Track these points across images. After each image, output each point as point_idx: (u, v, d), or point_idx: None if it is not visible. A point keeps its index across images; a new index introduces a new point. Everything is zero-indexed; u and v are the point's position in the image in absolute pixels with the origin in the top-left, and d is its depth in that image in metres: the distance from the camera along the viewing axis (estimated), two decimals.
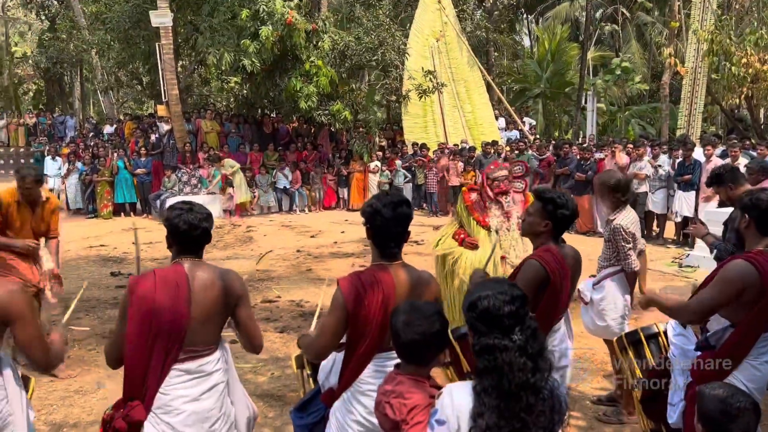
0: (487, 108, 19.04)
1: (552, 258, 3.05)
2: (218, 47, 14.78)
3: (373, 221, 2.56)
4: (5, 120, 25.97)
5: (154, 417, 2.52)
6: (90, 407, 4.68)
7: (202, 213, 2.67)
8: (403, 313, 2.20)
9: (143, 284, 2.56)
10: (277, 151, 16.87)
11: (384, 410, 2.13)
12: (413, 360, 2.21)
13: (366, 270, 2.60)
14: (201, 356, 2.61)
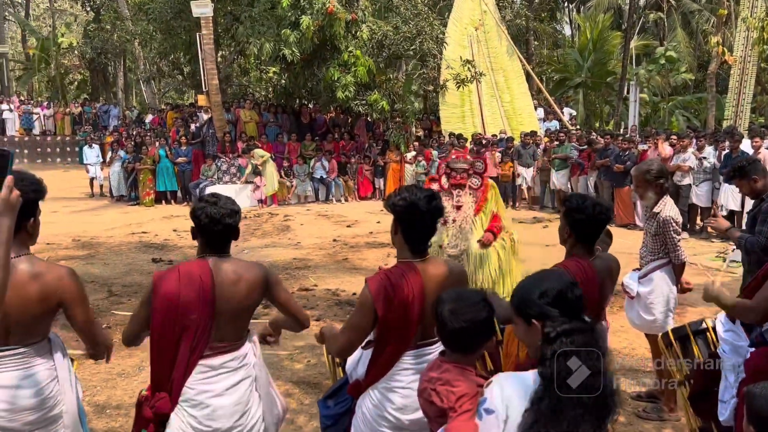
0: (526, 98, 18.78)
1: (577, 268, 2.90)
2: (258, 37, 14.90)
3: (407, 215, 2.48)
4: (52, 109, 26.74)
5: (180, 409, 2.55)
6: (132, 390, 4.80)
7: (226, 208, 2.59)
8: (448, 301, 2.18)
9: (167, 280, 2.55)
10: (314, 141, 16.96)
11: (430, 397, 2.12)
12: (459, 348, 2.18)
13: (394, 268, 2.53)
14: (227, 352, 2.61)
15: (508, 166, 14.83)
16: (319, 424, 2.83)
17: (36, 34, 34.18)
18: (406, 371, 2.51)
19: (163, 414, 2.54)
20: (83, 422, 2.64)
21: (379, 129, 17.96)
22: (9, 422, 2.33)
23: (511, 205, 14.96)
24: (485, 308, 2.15)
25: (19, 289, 2.31)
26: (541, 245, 10.29)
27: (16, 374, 2.37)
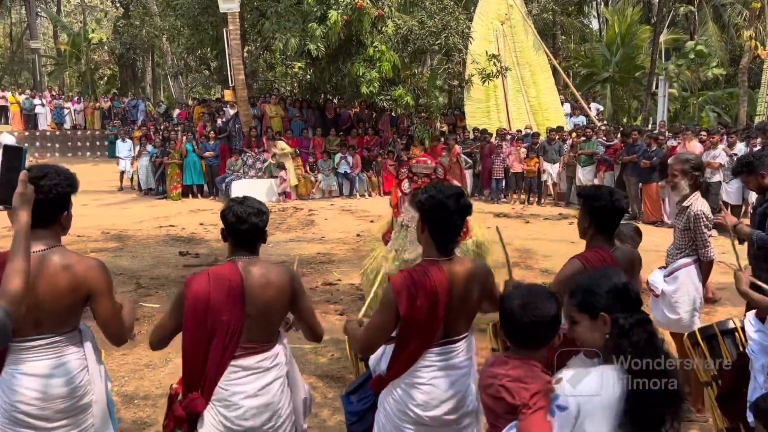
0: (553, 93, 18.61)
1: (597, 259, 2.88)
2: (284, 32, 14.96)
3: (435, 214, 2.47)
4: (83, 104, 27.23)
5: (212, 408, 2.58)
6: (159, 381, 4.89)
7: (252, 207, 2.62)
8: (518, 296, 2.15)
9: (197, 284, 2.58)
10: (339, 136, 17.01)
11: (498, 393, 2.09)
12: (529, 344, 2.15)
13: (418, 267, 2.52)
14: (259, 352, 2.63)
15: (534, 161, 14.72)
16: (344, 419, 2.84)
17: (67, 30, 34.80)
18: (428, 368, 2.51)
19: (196, 414, 2.57)
20: (111, 412, 2.70)
21: (404, 124, 17.94)
22: (41, 410, 2.39)
23: (536, 201, 14.86)
24: (554, 303, 2.13)
25: (50, 279, 2.37)
26: (567, 242, 10.20)
27: (48, 363, 2.42)
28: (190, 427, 2.60)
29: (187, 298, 2.57)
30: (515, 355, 2.17)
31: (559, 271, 2.97)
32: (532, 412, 1.96)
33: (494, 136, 15.93)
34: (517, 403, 2.01)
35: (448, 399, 2.52)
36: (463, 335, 2.61)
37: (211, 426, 2.57)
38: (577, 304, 2.03)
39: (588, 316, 1.99)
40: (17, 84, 36.65)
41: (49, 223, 2.44)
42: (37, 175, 2.35)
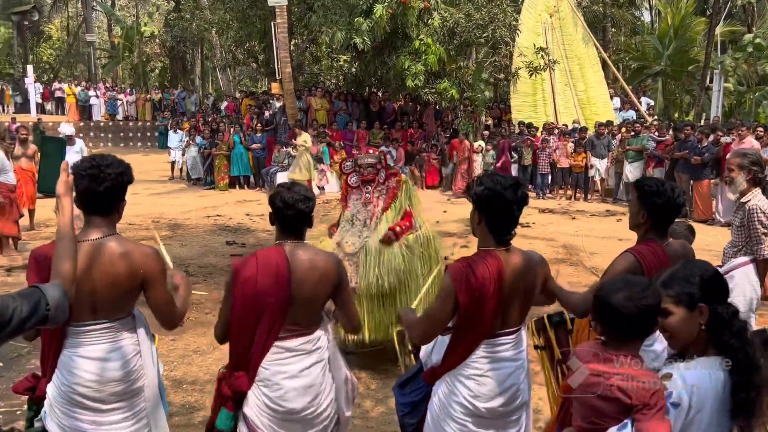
0: (602, 86, 18.21)
1: (650, 253, 2.80)
2: (330, 26, 15.05)
3: (492, 205, 2.47)
4: (135, 95, 27.98)
5: (256, 388, 2.65)
6: (207, 366, 5.03)
7: (299, 194, 2.66)
8: (620, 288, 2.07)
9: (246, 267, 2.64)
10: (383, 130, 17.04)
11: (611, 394, 1.98)
12: (634, 335, 2.08)
13: (475, 256, 2.53)
14: (302, 335, 2.68)
15: (581, 156, 14.46)
16: (387, 411, 2.87)
17: (121, 24, 35.76)
18: (484, 359, 2.51)
19: (241, 392, 2.65)
20: (163, 396, 2.78)
21: (448, 117, 17.84)
22: (96, 392, 2.49)
23: (583, 197, 14.61)
24: (657, 293, 2.06)
25: (107, 266, 2.46)
26: (614, 239, 10.02)
27: (104, 347, 2.52)
28: (235, 407, 2.67)
29: (236, 280, 2.64)
30: (616, 351, 2.07)
31: (611, 265, 2.90)
32: (654, 412, 1.89)
33: (540, 130, 15.71)
34: (636, 403, 1.92)
35: (504, 391, 2.53)
36: (519, 327, 2.62)
37: (255, 406, 2.64)
38: (673, 296, 2.00)
39: (685, 307, 1.97)
40: (73, 76, 37.86)
41: (108, 212, 2.53)
42: (99, 164, 2.45)
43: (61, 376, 2.50)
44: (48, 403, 2.53)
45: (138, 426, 2.58)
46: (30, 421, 2.64)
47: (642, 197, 2.89)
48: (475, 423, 2.53)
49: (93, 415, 2.50)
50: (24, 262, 8.26)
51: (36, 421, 2.59)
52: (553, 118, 16.95)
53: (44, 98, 28.60)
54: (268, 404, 2.63)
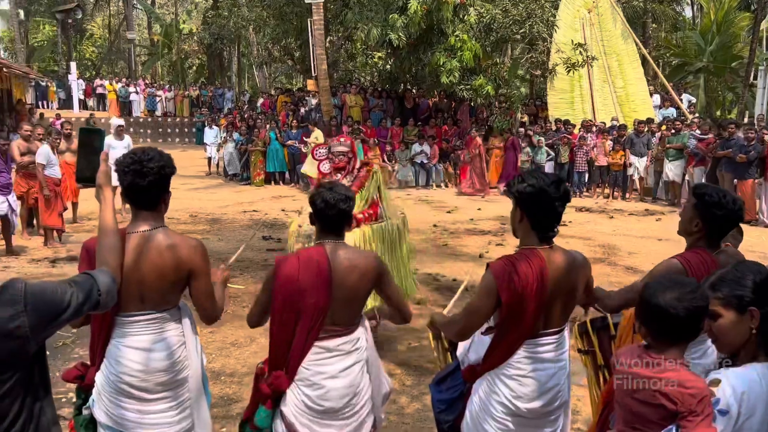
0: (641, 83, 17.86)
1: (699, 261, 2.69)
2: (366, 22, 15.09)
3: (536, 202, 2.44)
4: (173, 92, 28.49)
5: (295, 387, 2.67)
6: (244, 359, 5.10)
7: (340, 194, 2.69)
8: (668, 288, 2.00)
9: (288, 265, 2.66)
10: (417, 126, 17.02)
11: (656, 400, 1.92)
12: (681, 338, 2.01)
13: (518, 254, 2.50)
14: (341, 335, 2.69)
15: (620, 154, 14.22)
16: (432, 408, 2.87)
17: (160, 21, 36.45)
18: (526, 359, 2.50)
19: (281, 391, 2.68)
20: (206, 387, 2.84)
21: (483, 114, 17.73)
22: (142, 382, 2.55)
23: (621, 196, 14.37)
24: (705, 294, 1.99)
25: (155, 258, 2.51)
26: (653, 239, 9.86)
27: (150, 337, 2.57)
28: (273, 404, 2.70)
29: (278, 278, 2.66)
30: (660, 354, 2.01)
31: (653, 270, 2.80)
32: (701, 419, 1.83)
33: (578, 127, 15.50)
34: (682, 410, 1.86)
35: (546, 392, 2.51)
36: (562, 327, 2.59)
37: (293, 405, 2.66)
38: (722, 299, 1.92)
39: (735, 310, 1.90)
40: (114, 73, 38.74)
41: (154, 204, 2.58)
42: (141, 159, 2.49)
43: (108, 366, 2.56)
44: (96, 391, 2.60)
45: (182, 416, 2.64)
46: (78, 409, 2.71)
47: (701, 207, 2.75)
48: (515, 422, 2.52)
49: (138, 404, 2.56)
50: (68, 253, 8.50)
51: (84, 408, 2.67)
52: (591, 115, 16.69)
53: (86, 95, 29.34)
54: (308, 403, 2.65)
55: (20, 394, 1.68)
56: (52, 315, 1.72)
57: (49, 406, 1.79)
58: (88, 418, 2.64)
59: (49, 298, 1.73)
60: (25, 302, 1.66)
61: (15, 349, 1.65)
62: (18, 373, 1.67)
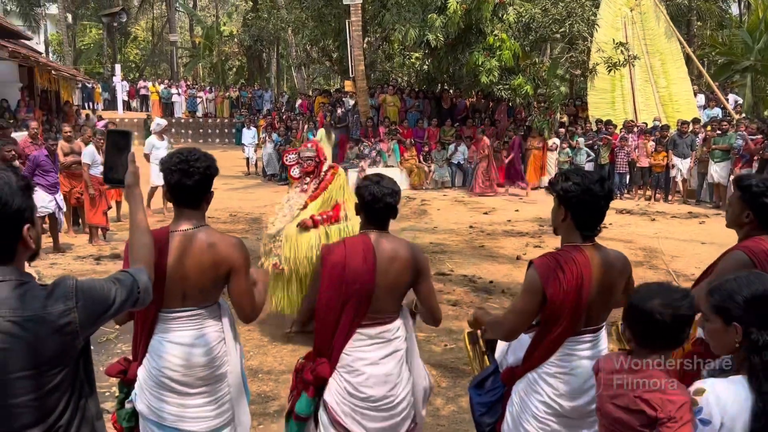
0: (685, 83, 17.43)
1: (761, 249, 2.68)
2: (403, 23, 15.09)
3: (581, 201, 2.44)
4: (213, 93, 28.96)
5: (337, 375, 2.73)
6: (281, 357, 5.16)
7: (387, 188, 2.76)
8: (654, 295, 2.01)
9: (335, 252, 2.75)
10: (454, 127, 16.94)
11: (636, 406, 1.95)
12: (665, 344, 2.03)
13: (562, 251, 2.51)
14: (383, 323, 2.76)
15: (662, 155, 13.90)
16: (472, 411, 2.85)
17: (202, 24, 37.13)
18: (569, 357, 2.49)
19: (322, 378, 2.74)
20: (245, 384, 2.88)
21: (521, 114, 17.55)
22: (184, 377, 2.60)
23: (663, 198, 14.05)
24: (692, 304, 2.00)
25: (197, 256, 2.56)
26: (697, 242, 9.62)
27: (191, 333, 2.63)
28: (315, 392, 2.76)
29: (325, 264, 2.74)
30: (644, 359, 2.02)
31: (719, 266, 2.79)
32: (679, 426, 1.84)
33: (619, 128, 15.22)
34: (661, 416, 1.87)
35: (590, 389, 2.49)
36: (602, 325, 2.59)
37: (336, 393, 2.72)
38: (713, 305, 1.91)
39: (721, 319, 1.87)
40: (157, 75, 39.61)
41: (198, 203, 2.63)
42: (188, 159, 2.55)
43: (151, 360, 2.62)
44: (138, 385, 2.66)
45: (220, 410, 2.68)
46: (121, 403, 2.78)
47: (748, 197, 2.76)
48: (558, 423, 2.50)
49: (180, 398, 2.61)
50: (112, 251, 8.73)
51: (126, 402, 2.74)
52: (632, 115, 16.37)
53: (130, 96, 30.06)
54: (350, 390, 2.70)
55: (68, 389, 1.72)
56: (100, 311, 1.78)
57: (93, 401, 1.84)
58: (130, 411, 2.71)
59: (98, 294, 1.78)
60: (76, 299, 1.71)
61: (65, 345, 1.69)
62: (66, 369, 1.71)
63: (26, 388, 1.62)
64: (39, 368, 1.64)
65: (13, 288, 1.64)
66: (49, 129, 14.87)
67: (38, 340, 1.63)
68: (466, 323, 5.57)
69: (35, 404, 1.64)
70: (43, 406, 1.66)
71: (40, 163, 8.31)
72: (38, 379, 1.64)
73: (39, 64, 19.20)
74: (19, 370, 1.61)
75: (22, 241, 1.71)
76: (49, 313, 1.65)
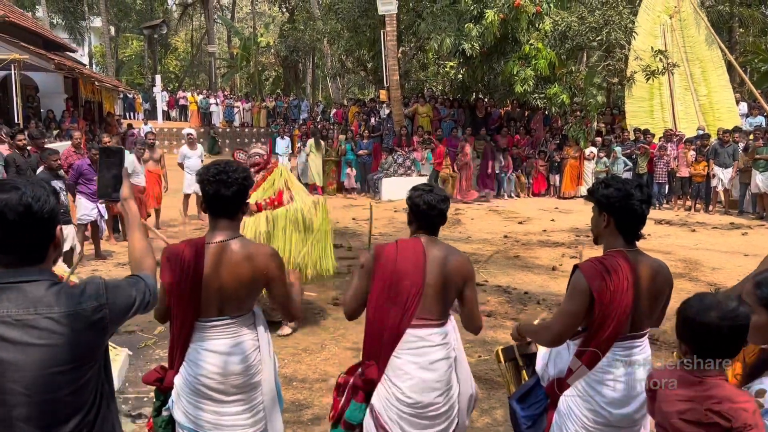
0: (727, 91, 17.02)
1: None
2: (439, 32, 15.12)
3: (623, 206, 2.46)
4: (250, 103, 29.41)
5: (386, 380, 2.74)
6: (315, 366, 5.18)
7: (440, 195, 2.87)
8: (712, 307, 1.98)
9: (388, 250, 2.83)
10: (489, 136, 16.85)
11: (709, 419, 1.91)
12: (728, 355, 2.00)
13: (607, 255, 2.52)
14: (431, 326, 2.77)
15: (703, 165, 13.59)
16: (516, 425, 2.81)
17: (239, 35, 37.79)
18: (618, 362, 2.47)
19: (371, 381, 2.76)
20: (279, 392, 2.91)
21: (557, 123, 17.37)
22: (219, 384, 2.64)
23: (704, 208, 13.72)
24: (746, 313, 1.97)
25: (232, 267, 2.61)
26: (740, 254, 9.36)
27: (227, 342, 2.67)
28: (365, 398, 2.78)
29: (378, 259, 2.81)
30: (702, 373, 1.99)
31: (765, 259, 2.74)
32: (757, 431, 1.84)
33: (657, 137, 14.94)
34: (737, 425, 1.86)
35: (637, 396, 2.46)
36: (648, 330, 2.57)
37: (384, 398, 2.73)
38: (760, 298, 1.95)
39: None
40: (195, 85, 40.42)
41: (234, 214, 2.69)
42: (227, 170, 2.61)
43: (188, 368, 2.67)
44: (175, 392, 2.71)
45: (255, 419, 2.71)
46: (158, 410, 2.82)
47: None
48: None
49: (216, 405, 2.65)
50: None
51: (164, 410, 2.78)
52: (671, 124, 16.06)
53: (170, 106, 30.75)
54: (398, 395, 2.71)
55: (96, 385, 1.80)
56: (125, 308, 1.87)
57: (113, 399, 1.92)
58: (166, 419, 2.76)
59: (124, 293, 1.88)
60: (107, 296, 1.80)
61: (97, 340, 1.78)
62: (96, 364, 1.80)
63: (65, 383, 1.70)
64: (75, 363, 1.71)
65: (48, 287, 1.71)
66: (92, 139, 15.30)
67: (75, 335, 1.70)
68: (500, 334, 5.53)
69: (71, 398, 1.72)
70: (78, 401, 1.74)
71: (83, 171, 8.53)
72: (75, 374, 1.71)
73: (83, 76, 19.77)
74: (59, 364, 1.68)
75: (54, 242, 1.78)
76: (84, 309, 1.73)
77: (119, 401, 4.63)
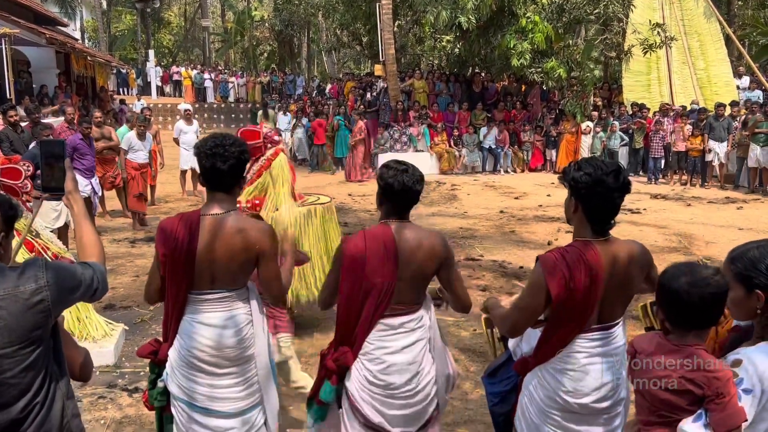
0: (724, 65, 16.91)
1: None
2: (435, 5, 14.94)
3: (591, 192, 2.31)
4: (245, 78, 29.14)
5: (359, 363, 2.71)
6: (311, 341, 5.23)
7: (416, 175, 2.70)
8: (681, 274, 1.97)
9: (354, 243, 2.69)
10: (485, 111, 16.76)
11: (683, 387, 1.92)
12: (701, 324, 2.00)
13: (570, 247, 2.39)
14: (406, 314, 2.72)
15: (699, 140, 13.55)
16: (486, 400, 2.84)
17: (233, 9, 37.33)
18: (580, 354, 2.40)
19: (346, 366, 2.74)
20: (273, 367, 2.91)
21: (554, 98, 17.27)
22: (212, 357, 2.65)
23: (700, 182, 13.73)
24: (721, 283, 1.96)
25: (226, 240, 2.60)
26: (734, 228, 9.39)
27: (220, 315, 2.67)
28: (338, 380, 2.76)
29: (345, 256, 2.70)
30: (680, 341, 2.00)
31: None
32: (728, 400, 1.85)
33: (652, 111, 14.88)
34: (709, 393, 1.87)
35: (600, 387, 2.42)
36: (618, 320, 2.49)
37: (357, 380, 2.71)
38: (735, 273, 1.95)
39: (744, 288, 1.92)
40: (189, 60, 39.99)
41: (230, 187, 2.67)
42: (223, 143, 2.58)
43: (181, 341, 2.68)
44: (169, 365, 2.73)
45: (249, 391, 2.73)
46: (152, 383, 2.85)
47: None
48: (566, 418, 2.44)
49: (209, 378, 2.66)
50: (146, 234, 8.89)
51: (159, 382, 2.80)
52: (669, 98, 15.98)
53: (163, 81, 30.45)
54: (369, 378, 2.69)
55: (42, 368, 1.80)
56: (69, 290, 1.86)
57: (63, 380, 1.91)
58: (161, 390, 2.77)
59: (67, 274, 1.86)
60: (47, 278, 1.79)
61: (39, 322, 1.77)
62: (40, 347, 1.79)
63: (9, 365, 1.71)
64: (18, 345, 1.72)
65: None
66: (86, 114, 15.17)
67: (13, 318, 1.71)
68: None
69: (14, 381, 1.73)
70: (23, 382, 1.74)
71: (77, 146, 8.44)
72: (18, 356, 1.72)
73: (75, 51, 19.54)
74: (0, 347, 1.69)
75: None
76: (22, 291, 1.73)
77: (115, 375, 4.67)
